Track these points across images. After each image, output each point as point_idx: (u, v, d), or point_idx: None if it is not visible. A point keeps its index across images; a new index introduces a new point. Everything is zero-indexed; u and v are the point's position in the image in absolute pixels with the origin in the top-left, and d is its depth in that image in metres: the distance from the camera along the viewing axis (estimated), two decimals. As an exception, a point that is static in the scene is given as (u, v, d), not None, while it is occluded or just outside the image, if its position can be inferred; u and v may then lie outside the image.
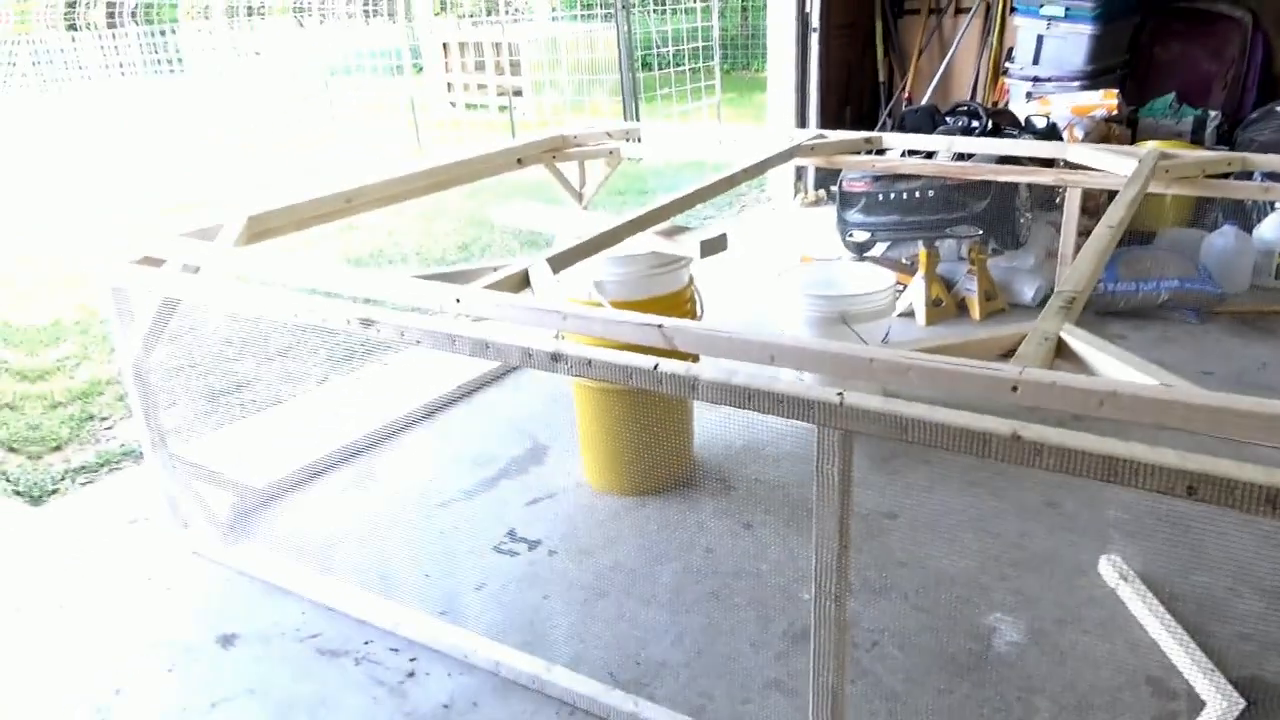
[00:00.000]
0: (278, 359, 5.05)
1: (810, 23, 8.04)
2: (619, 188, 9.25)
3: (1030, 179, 4.36)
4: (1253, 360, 4.70)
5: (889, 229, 5.74)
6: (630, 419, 3.60)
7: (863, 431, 1.91)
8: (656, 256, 3.37)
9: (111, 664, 2.93)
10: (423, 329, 2.45)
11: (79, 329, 5.84)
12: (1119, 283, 5.19)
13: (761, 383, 2.00)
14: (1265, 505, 1.57)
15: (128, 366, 3.22)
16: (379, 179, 3.79)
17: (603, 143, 4.79)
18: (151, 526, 3.64)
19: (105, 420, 4.59)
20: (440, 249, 7.50)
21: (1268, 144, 5.85)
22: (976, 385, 1.92)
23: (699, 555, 3.33)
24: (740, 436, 4.04)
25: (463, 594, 3.17)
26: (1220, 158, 4.04)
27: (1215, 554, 3.12)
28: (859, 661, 2.78)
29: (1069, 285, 2.50)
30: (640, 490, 3.71)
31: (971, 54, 8.43)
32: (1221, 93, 7.24)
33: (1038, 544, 3.30)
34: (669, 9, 14.55)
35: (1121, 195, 3.30)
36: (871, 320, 4.14)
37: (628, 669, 2.80)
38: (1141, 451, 1.65)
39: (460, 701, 2.72)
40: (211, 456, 3.67)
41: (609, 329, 2.37)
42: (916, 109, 6.34)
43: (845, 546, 2.06)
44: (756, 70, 18.89)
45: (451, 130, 13.78)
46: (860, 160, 4.59)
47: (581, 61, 14.65)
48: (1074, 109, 6.51)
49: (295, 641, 3.00)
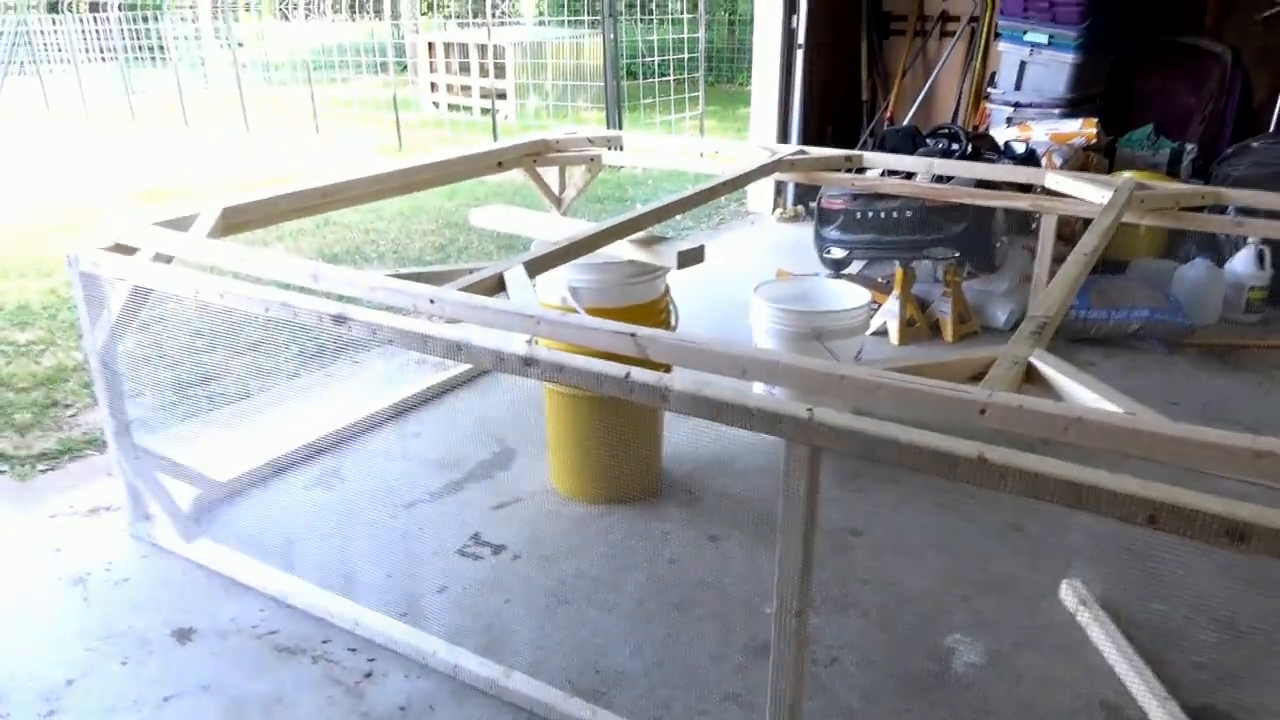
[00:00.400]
0: (248, 353, 5.02)
1: (796, 39, 8.08)
2: (599, 195, 9.26)
3: (1007, 204, 4.39)
4: (1219, 393, 4.73)
5: (866, 247, 5.77)
6: (600, 426, 3.60)
7: (831, 448, 1.91)
8: (633, 265, 3.37)
9: (64, 654, 2.90)
10: (395, 328, 2.45)
11: (47, 314, 5.79)
12: (1091, 310, 5.23)
13: (732, 395, 2.00)
14: (1224, 537, 1.58)
15: (94, 354, 3.20)
16: (358, 175, 3.79)
17: (584, 149, 4.79)
18: (112, 516, 3.61)
19: (69, 407, 4.55)
20: (417, 249, 7.48)
21: (1242, 179, 5.89)
22: (945, 407, 1.93)
23: (663, 566, 3.32)
24: (709, 448, 4.04)
25: (424, 596, 3.16)
26: (1195, 191, 4.07)
27: (1174, 583, 3.14)
28: (818, 678, 2.78)
29: (1041, 310, 2.52)
30: (607, 498, 3.70)
31: (955, 77, 8.48)
32: (1199, 127, 7.31)
33: (1000, 566, 3.31)
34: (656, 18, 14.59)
35: (1096, 223, 3.32)
36: (845, 338, 4.15)
37: (587, 677, 2.79)
38: (1104, 479, 1.66)
39: (417, 704, 2.71)
40: (176, 448, 3.64)
41: (582, 336, 2.37)
42: (898, 129, 6.38)
43: (809, 562, 2.06)
44: (741, 83, 18.95)
45: (434, 131, 13.76)
46: (840, 178, 4.60)
47: (566, 67, 14.66)
48: (1053, 136, 6.56)
49: (253, 638, 2.98)
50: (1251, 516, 1.57)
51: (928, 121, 8.38)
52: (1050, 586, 3.18)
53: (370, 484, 3.85)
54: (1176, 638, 2.92)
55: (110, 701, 2.72)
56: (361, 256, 7.26)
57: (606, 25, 11.19)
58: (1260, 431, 1.79)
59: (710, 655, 2.88)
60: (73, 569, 3.31)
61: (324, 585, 3.15)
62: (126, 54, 17.19)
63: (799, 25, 8.03)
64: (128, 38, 17.58)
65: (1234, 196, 4.04)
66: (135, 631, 3.00)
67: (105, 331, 3.14)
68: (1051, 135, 6.57)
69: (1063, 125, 6.69)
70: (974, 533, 3.50)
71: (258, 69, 17.07)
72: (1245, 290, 5.68)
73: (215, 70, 18.12)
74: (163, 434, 4.02)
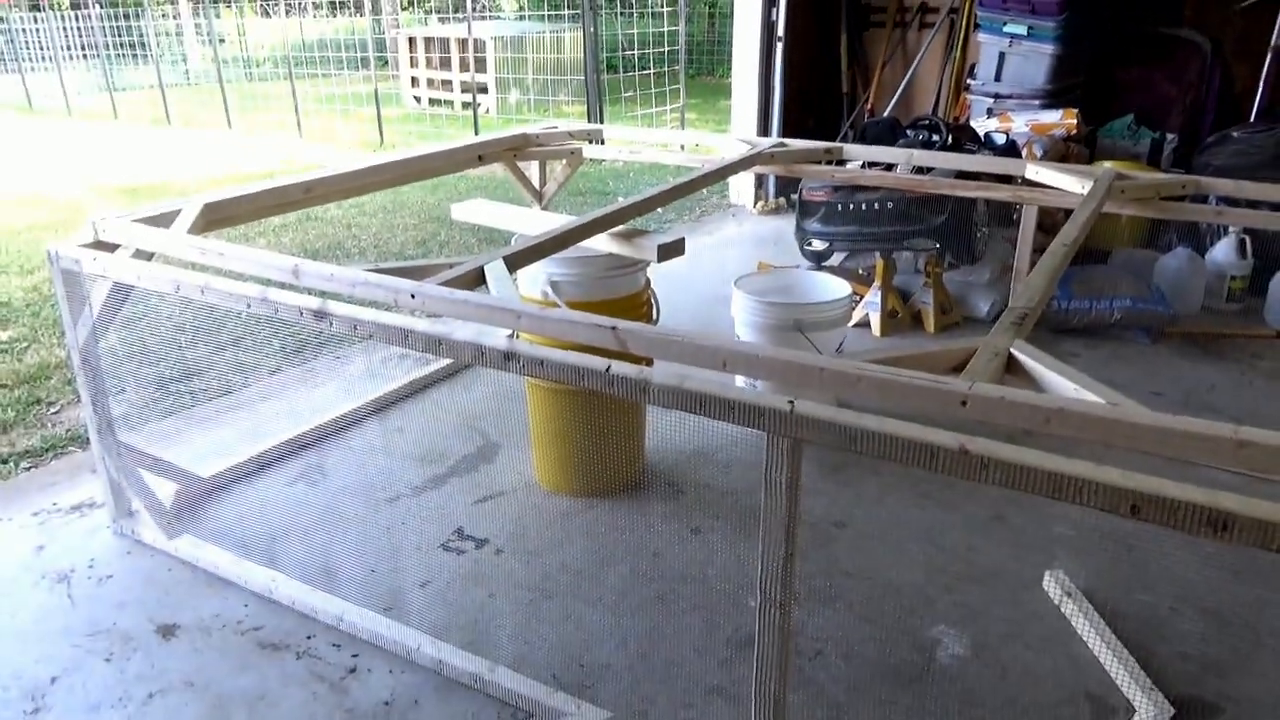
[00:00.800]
0: (230, 348, 5.01)
1: (775, 32, 8.09)
2: (579, 189, 9.26)
3: (988, 195, 4.39)
4: (1201, 382, 4.75)
5: (847, 239, 5.76)
6: (582, 420, 3.60)
7: (812, 440, 1.91)
8: (614, 258, 3.36)
9: (48, 651, 2.89)
10: (376, 323, 2.44)
11: (30, 311, 5.77)
12: (1072, 300, 5.24)
13: (713, 388, 2.00)
14: (1207, 527, 1.58)
15: (76, 351, 3.18)
16: (339, 171, 3.77)
17: (565, 143, 4.78)
18: (95, 513, 3.60)
19: (53, 405, 4.53)
20: (399, 243, 7.46)
21: (1223, 168, 5.92)
22: (926, 398, 1.93)
23: (646, 559, 3.32)
24: (691, 441, 4.04)
25: (408, 591, 3.15)
26: (1175, 180, 4.08)
27: (1158, 573, 3.15)
28: (802, 670, 2.78)
29: (1022, 301, 2.52)
30: (590, 491, 3.70)
31: (934, 69, 8.49)
32: (1180, 116, 7.32)
33: (984, 557, 3.32)
34: (636, 12, 14.58)
35: (1077, 214, 3.33)
36: (827, 330, 4.15)
37: (571, 671, 2.79)
38: (1086, 469, 1.66)
39: (401, 699, 2.70)
40: (158, 444, 3.63)
41: (563, 329, 2.37)
42: (878, 121, 6.39)
43: (791, 554, 2.06)
44: (721, 76, 18.96)
45: (415, 125, 13.73)
46: (820, 170, 4.60)
47: (547, 61, 14.65)
48: (1034, 127, 6.56)
49: (236, 634, 2.97)
50: (1234, 506, 1.56)
51: (908, 113, 8.40)
52: (1034, 577, 3.18)
53: (353, 479, 3.85)
54: (1162, 628, 2.93)
55: (95, 698, 2.71)
56: (343, 252, 7.24)
57: (587, 19, 11.19)
58: (1243, 421, 1.80)
59: (694, 648, 2.88)
60: (56, 566, 3.30)
61: (307, 581, 3.14)
62: (108, 51, 17.13)
63: (779, 18, 8.03)
64: (109, 35, 17.53)
65: (1215, 186, 4.06)
66: (119, 628, 2.99)
67: (87, 328, 3.12)
68: (1032, 126, 6.58)
69: (1043, 116, 6.70)
70: (957, 524, 3.51)
71: (239, 65, 17.03)
72: (1227, 279, 5.71)
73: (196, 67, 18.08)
74: (145, 430, 4.01)
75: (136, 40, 17.68)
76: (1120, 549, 3.27)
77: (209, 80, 15.60)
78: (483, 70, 15.02)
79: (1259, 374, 4.87)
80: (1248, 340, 5.31)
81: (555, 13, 15.98)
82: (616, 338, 2.26)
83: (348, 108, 13.90)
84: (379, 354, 5.04)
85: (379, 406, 4.46)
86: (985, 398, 1.87)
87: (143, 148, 12.30)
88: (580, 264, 3.38)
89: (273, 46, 18.63)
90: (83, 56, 17.83)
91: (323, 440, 4.15)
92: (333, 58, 15.48)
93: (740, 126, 8.41)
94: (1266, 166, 5.84)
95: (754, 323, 4.18)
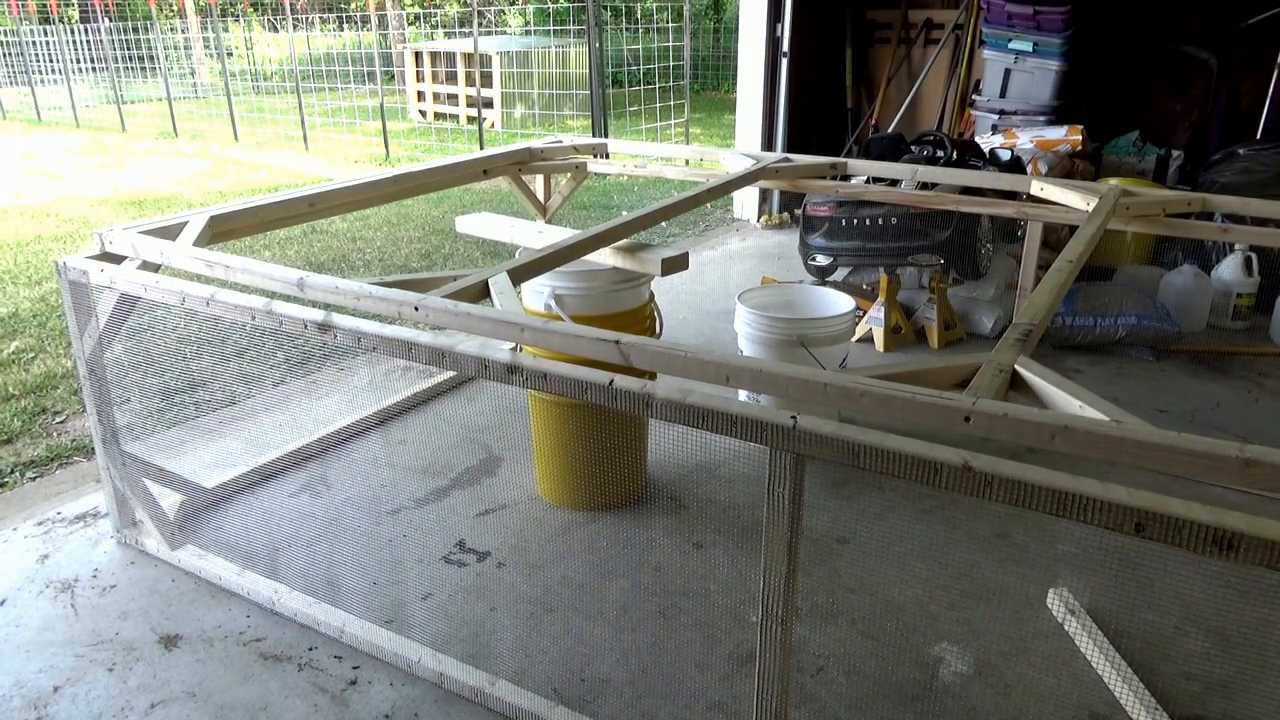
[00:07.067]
0: (234, 359, 5.01)
1: (781, 48, 8.10)
2: (584, 202, 9.27)
3: (992, 211, 4.39)
4: (1207, 399, 4.74)
5: (851, 254, 5.77)
6: (585, 434, 3.59)
7: (815, 456, 1.90)
8: (618, 272, 3.37)
9: (51, 661, 2.89)
10: (379, 335, 2.44)
11: (37, 322, 5.79)
12: (1077, 317, 5.24)
13: (716, 403, 2.00)
14: (1212, 546, 1.57)
15: (82, 361, 3.19)
16: (344, 184, 3.78)
17: (569, 157, 4.79)
18: (99, 523, 3.60)
19: (59, 414, 4.54)
20: (403, 256, 7.47)
21: (1229, 185, 5.92)
22: (930, 414, 1.92)
23: (648, 573, 3.32)
24: (694, 456, 4.04)
25: (409, 603, 3.15)
26: (1181, 197, 4.08)
27: (1163, 592, 3.14)
28: (804, 686, 2.78)
29: (1026, 318, 2.52)
30: (592, 505, 3.70)
31: (939, 84, 8.50)
32: (1185, 133, 7.34)
33: (987, 575, 3.31)
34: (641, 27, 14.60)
35: (1082, 230, 3.32)
36: (830, 345, 4.15)
37: (572, 685, 2.79)
38: (1091, 487, 1.66)
39: (402, 712, 2.70)
40: (163, 455, 3.63)
41: (566, 343, 2.37)
42: (883, 137, 6.38)
43: (793, 570, 2.05)
44: (726, 91, 19.00)
45: (420, 139, 13.75)
46: (825, 185, 4.60)
47: (552, 76, 14.67)
48: (1039, 143, 6.57)
49: (239, 645, 2.97)
50: (1240, 525, 1.56)
51: (913, 129, 8.41)
52: (1037, 595, 3.17)
53: (356, 491, 3.85)
54: (1166, 647, 2.92)
55: (97, 709, 2.70)
56: (348, 264, 7.25)
57: (592, 34, 11.21)
58: (1248, 439, 1.79)
59: (696, 663, 2.87)
60: (60, 576, 3.30)
61: (309, 592, 3.14)
62: (117, 64, 17.19)
63: (784, 33, 8.04)
64: (118, 48, 17.58)
65: (1221, 203, 4.05)
66: (122, 638, 2.99)
67: (93, 339, 3.13)
68: (1037, 142, 6.59)
69: (1048, 132, 6.71)
70: (961, 540, 3.50)
71: (246, 79, 17.07)
72: (1233, 297, 5.70)
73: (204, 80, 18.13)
74: (150, 441, 4.02)
75: (145, 54, 17.75)
76: (1125, 567, 3.26)
77: (217, 94, 15.63)
78: (488, 85, 15.07)
79: (1265, 392, 4.86)
80: (1253, 358, 5.30)
81: (560, 28, 16.01)
82: (620, 351, 2.26)
83: (354, 121, 13.93)
84: (383, 366, 5.04)
85: (382, 419, 4.46)
86: (989, 414, 1.87)
87: (150, 160, 12.31)
88: (584, 278, 3.38)
89: (280, 61, 18.68)
90: (92, 69, 17.89)
91: (326, 452, 4.15)
92: (339, 72, 15.53)
93: (745, 141, 8.42)
94: (1273, 184, 5.84)
95: (757, 337, 4.18)
